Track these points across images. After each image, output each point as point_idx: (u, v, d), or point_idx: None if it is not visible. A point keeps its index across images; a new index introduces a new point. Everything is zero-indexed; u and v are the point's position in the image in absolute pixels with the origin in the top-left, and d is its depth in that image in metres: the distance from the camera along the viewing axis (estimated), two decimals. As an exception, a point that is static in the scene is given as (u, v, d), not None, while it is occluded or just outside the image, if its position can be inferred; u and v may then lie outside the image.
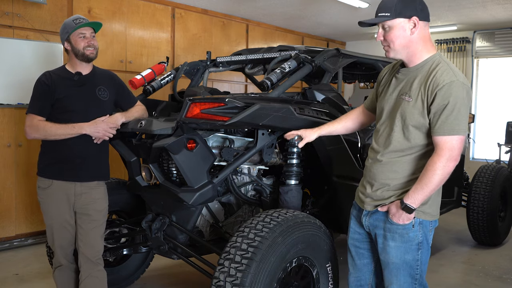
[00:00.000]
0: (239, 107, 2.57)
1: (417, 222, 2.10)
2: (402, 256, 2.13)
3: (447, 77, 1.96)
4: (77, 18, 2.74)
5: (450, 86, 1.94)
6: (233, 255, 2.27)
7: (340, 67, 3.29)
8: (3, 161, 4.70)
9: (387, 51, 2.12)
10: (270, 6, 6.50)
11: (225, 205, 3.19)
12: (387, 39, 2.08)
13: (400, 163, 2.11)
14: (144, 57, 5.83)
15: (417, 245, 2.12)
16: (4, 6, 4.59)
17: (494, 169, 4.95)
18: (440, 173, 1.98)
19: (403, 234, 2.10)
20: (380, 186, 2.16)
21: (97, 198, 2.79)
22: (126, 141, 3.06)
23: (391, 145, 2.12)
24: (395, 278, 2.17)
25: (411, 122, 2.05)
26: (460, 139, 1.97)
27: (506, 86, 8.10)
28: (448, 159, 1.96)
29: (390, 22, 2.05)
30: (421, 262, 2.16)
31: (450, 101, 1.94)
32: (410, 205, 2.03)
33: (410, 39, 2.05)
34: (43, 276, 3.98)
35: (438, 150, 1.98)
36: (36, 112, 2.67)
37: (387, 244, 2.14)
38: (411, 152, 2.09)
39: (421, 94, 2.02)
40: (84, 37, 2.71)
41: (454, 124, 1.95)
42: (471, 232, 4.96)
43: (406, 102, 2.06)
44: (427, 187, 1.99)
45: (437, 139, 1.99)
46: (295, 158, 2.95)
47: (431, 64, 2.05)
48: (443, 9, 6.53)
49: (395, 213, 2.08)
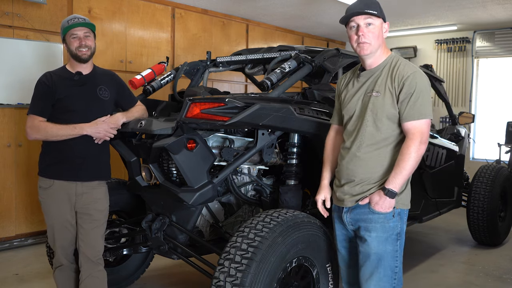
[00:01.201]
0: (239, 107, 2.57)
1: (396, 212, 2.21)
2: (383, 246, 2.22)
3: (410, 69, 2.18)
4: (73, 18, 2.72)
5: (414, 76, 2.15)
6: (233, 255, 2.27)
7: (340, 67, 3.29)
8: (3, 161, 4.70)
9: (366, 48, 2.21)
10: (270, 6, 6.50)
11: (225, 205, 3.19)
12: (367, 35, 2.20)
13: (377, 156, 2.22)
14: (144, 57, 5.83)
15: (396, 235, 2.23)
16: (4, 6, 4.59)
17: (494, 169, 4.94)
18: (414, 156, 2.11)
19: (384, 224, 2.20)
20: (360, 181, 2.25)
21: (98, 198, 2.79)
22: (126, 141, 3.06)
23: (365, 139, 2.23)
24: (375, 270, 2.23)
25: (384, 114, 2.19)
26: (427, 123, 2.15)
27: (506, 86, 8.10)
28: (420, 142, 2.12)
29: (377, 19, 2.21)
30: (399, 254, 2.25)
31: (416, 89, 2.13)
32: (392, 189, 2.14)
33: (383, 41, 2.26)
34: (43, 276, 3.98)
35: (410, 135, 2.14)
36: (37, 113, 2.67)
37: (369, 235, 2.23)
38: (386, 144, 2.22)
39: (388, 87, 2.18)
40: (77, 37, 2.70)
41: (421, 109, 2.13)
42: (471, 232, 4.96)
43: (375, 97, 2.21)
44: (405, 170, 2.12)
45: (408, 125, 2.15)
46: (295, 158, 2.95)
47: (391, 61, 2.24)
48: (443, 9, 6.53)
49: (377, 201, 2.17)
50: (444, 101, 4.94)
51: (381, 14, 2.21)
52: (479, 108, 8.35)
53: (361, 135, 2.24)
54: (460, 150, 4.79)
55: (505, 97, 8.08)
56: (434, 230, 5.68)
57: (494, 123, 8.10)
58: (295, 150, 2.96)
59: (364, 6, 2.20)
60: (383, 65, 2.25)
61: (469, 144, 7.74)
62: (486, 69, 8.31)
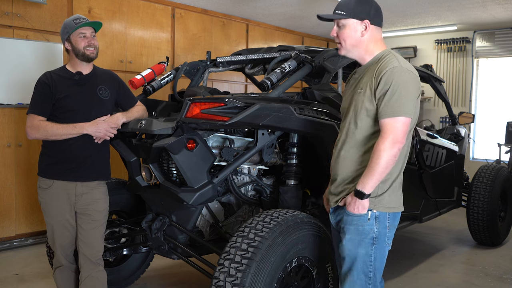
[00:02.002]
0: (239, 107, 2.57)
1: (373, 216, 2.12)
2: (355, 249, 2.15)
3: (391, 63, 2.07)
4: (77, 18, 2.74)
5: (392, 71, 2.04)
6: (233, 255, 2.27)
7: (340, 67, 3.29)
8: (3, 161, 4.70)
9: (339, 48, 2.24)
10: (270, 6, 6.50)
11: (225, 205, 3.19)
12: (339, 36, 2.20)
13: (356, 155, 2.17)
14: (144, 57, 5.83)
15: (371, 239, 2.13)
16: (4, 6, 4.59)
17: (494, 169, 4.95)
18: (385, 155, 2.01)
19: (357, 226, 2.13)
20: (341, 181, 2.22)
21: (97, 198, 2.79)
22: (126, 141, 3.06)
23: (348, 138, 2.19)
24: (349, 273, 2.17)
25: (362, 110, 2.13)
26: (403, 121, 2.03)
27: (506, 86, 8.10)
28: (392, 141, 2.01)
29: (345, 21, 2.17)
30: (374, 258, 2.15)
31: (392, 85, 2.03)
32: (361, 189, 2.06)
33: (361, 40, 2.18)
34: (43, 276, 3.98)
35: (382, 133, 2.04)
36: (37, 113, 2.67)
37: (344, 236, 2.18)
38: (365, 142, 2.15)
39: (369, 83, 2.12)
40: (84, 36, 2.71)
41: (395, 106, 2.02)
42: (471, 232, 4.96)
43: (358, 93, 2.16)
44: (374, 170, 2.03)
45: (381, 122, 2.06)
46: (295, 158, 2.95)
47: (380, 56, 2.17)
48: (443, 9, 6.53)
49: (350, 202, 2.12)
50: (444, 101, 4.94)
51: (351, 14, 2.14)
52: (479, 108, 8.35)
53: (345, 133, 2.21)
54: (460, 150, 4.79)
55: (505, 97, 8.08)
56: (434, 230, 5.68)
57: (494, 123, 8.10)
58: (295, 150, 2.96)
59: (335, 8, 2.18)
60: (372, 61, 2.20)
61: (469, 144, 7.74)
62: (486, 69, 8.31)
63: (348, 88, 2.31)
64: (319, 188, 3.37)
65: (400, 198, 2.21)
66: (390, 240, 2.20)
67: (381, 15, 2.24)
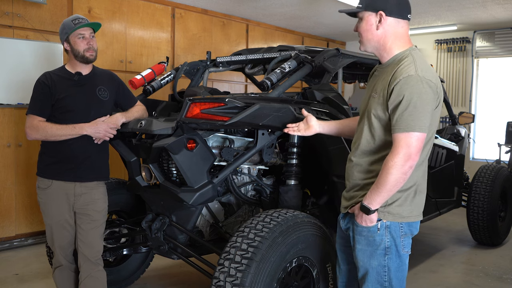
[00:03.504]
0: (239, 107, 2.57)
1: (383, 226, 1.98)
2: (368, 260, 2.03)
3: (406, 71, 1.88)
4: (76, 18, 2.73)
5: (406, 81, 1.86)
6: (233, 255, 2.27)
7: (340, 67, 3.29)
8: (3, 161, 4.70)
9: (359, 43, 2.09)
10: (270, 6, 6.50)
11: (225, 205, 3.19)
12: (358, 30, 2.06)
13: (366, 165, 2.05)
14: (144, 57, 5.83)
15: (383, 250, 2.00)
16: (4, 6, 4.59)
17: (494, 169, 4.94)
18: (394, 173, 1.85)
19: (368, 237, 2.01)
20: (351, 186, 2.11)
21: (96, 199, 2.79)
22: (126, 141, 3.06)
23: (360, 144, 2.06)
24: (364, 283, 2.07)
25: (375, 118, 1.98)
26: (417, 137, 1.85)
27: (506, 86, 8.09)
28: (403, 157, 1.84)
29: (361, 13, 2.02)
30: (388, 269, 2.02)
31: (405, 97, 1.85)
32: (367, 205, 1.94)
33: (376, 34, 2.00)
34: (43, 276, 3.98)
35: (393, 148, 1.88)
36: (36, 113, 2.66)
37: (355, 247, 2.06)
38: (377, 152, 2.02)
39: (383, 89, 1.95)
40: (83, 37, 2.70)
41: (409, 121, 1.84)
42: (471, 232, 4.96)
43: (373, 98, 2.00)
44: (382, 187, 1.89)
45: (394, 136, 1.89)
46: (295, 158, 2.95)
47: (399, 59, 1.98)
48: (443, 9, 6.53)
49: (357, 214, 2.01)
50: (444, 101, 4.93)
51: (365, 6, 1.99)
52: (479, 108, 8.34)
53: (359, 138, 2.08)
54: (460, 150, 4.79)
55: (505, 97, 8.08)
56: (434, 230, 5.68)
57: (494, 123, 8.10)
58: (295, 150, 2.96)
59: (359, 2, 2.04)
60: (390, 61, 2.01)
61: (469, 144, 7.74)
62: (486, 69, 8.31)
63: (368, 87, 2.16)
64: (319, 188, 3.37)
65: (417, 206, 2.05)
66: (407, 248, 2.05)
67: (406, 5, 2.01)
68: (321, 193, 3.30)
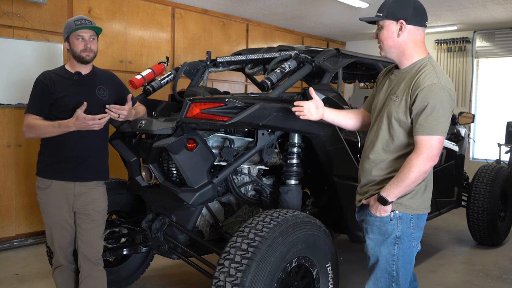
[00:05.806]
0: (239, 107, 2.57)
1: (395, 216, 2.16)
2: (378, 248, 2.20)
3: (429, 79, 2.05)
4: (79, 19, 2.72)
5: (430, 88, 2.03)
6: (233, 255, 2.27)
7: (340, 67, 3.29)
8: (3, 161, 4.70)
9: (380, 49, 2.23)
10: (270, 6, 6.50)
11: (225, 205, 3.19)
12: (379, 38, 2.20)
13: (385, 162, 2.20)
14: (144, 57, 5.83)
15: (394, 239, 2.17)
16: (4, 6, 4.59)
17: (494, 169, 4.95)
18: (416, 171, 2.04)
19: (380, 226, 2.19)
20: (366, 182, 2.27)
21: (96, 198, 2.79)
22: (126, 141, 3.06)
23: (378, 143, 2.21)
24: (373, 271, 2.24)
25: (395, 120, 2.13)
26: (439, 140, 2.04)
27: (506, 86, 8.09)
28: (426, 158, 2.03)
29: (382, 22, 2.17)
30: (397, 258, 2.19)
31: (430, 103, 2.02)
32: (385, 197, 2.11)
33: (397, 41, 2.15)
34: (43, 276, 3.98)
35: (417, 149, 2.06)
36: (34, 112, 2.66)
37: (367, 236, 2.24)
38: (395, 151, 2.17)
39: (405, 94, 2.10)
40: (82, 39, 2.69)
41: (432, 125, 2.03)
42: (471, 232, 4.96)
43: (393, 101, 2.15)
44: (402, 182, 2.07)
45: (417, 138, 2.06)
46: (295, 158, 2.95)
47: (419, 66, 2.13)
48: (443, 9, 6.53)
49: (372, 205, 2.18)
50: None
51: (386, 15, 2.14)
52: (479, 108, 8.34)
53: (376, 137, 2.22)
54: (460, 150, 4.79)
55: (505, 97, 8.08)
56: (434, 230, 5.68)
57: (494, 123, 8.10)
58: (295, 150, 2.96)
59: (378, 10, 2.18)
60: (410, 67, 2.16)
61: (469, 144, 7.74)
62: (486, 69, 8.31)
63: (382, 87, 2.29)
64: (319, 188, 3.37)
65: (425, 200, 2.21)
66: (417, 241, 2.22)
67: (423, 13, 2.19)
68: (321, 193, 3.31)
